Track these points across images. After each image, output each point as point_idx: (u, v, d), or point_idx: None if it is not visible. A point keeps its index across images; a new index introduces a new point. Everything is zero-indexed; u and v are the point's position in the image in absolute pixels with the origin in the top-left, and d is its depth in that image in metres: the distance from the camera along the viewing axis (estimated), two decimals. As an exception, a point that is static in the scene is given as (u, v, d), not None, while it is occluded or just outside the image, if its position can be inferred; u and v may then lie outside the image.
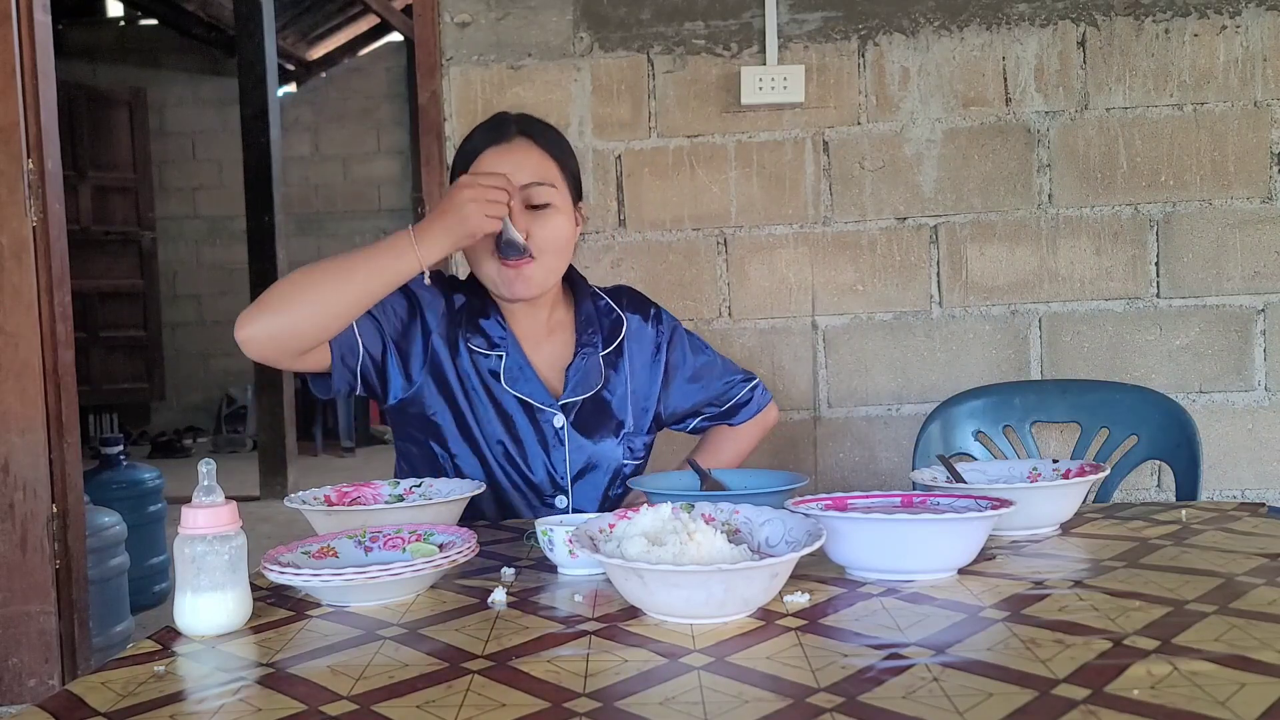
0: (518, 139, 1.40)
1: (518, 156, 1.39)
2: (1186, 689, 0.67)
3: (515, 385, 1.42)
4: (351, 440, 7.53)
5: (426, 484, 1.33)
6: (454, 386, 1.42)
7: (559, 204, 1.40)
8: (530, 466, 1.43)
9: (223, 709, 0.71)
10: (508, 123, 1.42)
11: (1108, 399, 1.84)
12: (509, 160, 1.38)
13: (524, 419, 1.43)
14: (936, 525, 0.97)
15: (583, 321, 1.50)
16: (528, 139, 1.40)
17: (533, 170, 1.38)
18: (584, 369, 1.46)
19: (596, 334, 1.49)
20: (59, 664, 2.45)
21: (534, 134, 1.41)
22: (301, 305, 1.26)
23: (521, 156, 1.39)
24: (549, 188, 1.39)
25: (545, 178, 1.39)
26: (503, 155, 1.38)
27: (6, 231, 2.40)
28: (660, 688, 0.71)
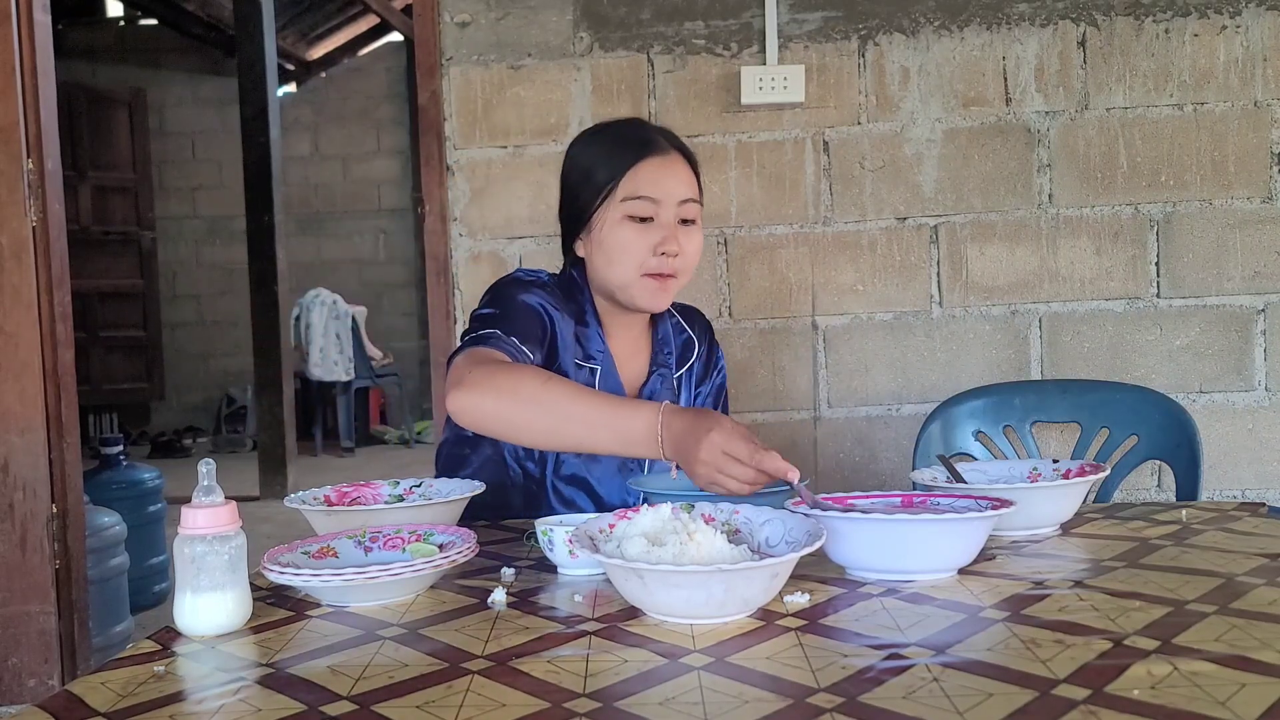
0: (674, 153, 1.39)
1: (677, 172, 1.37)
2: (1187, 689, 0.67)
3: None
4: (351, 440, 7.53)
5: (426, 484, 1.33)
6: None
7: (699, 220, 1.40)
8: (603, 488, 1.40)
9: (222, 709, 0.71)
10: (656, 133, 1.40)
11: (1108, 399, 1.84)
12: (670, 175, 1.36)
13: None
14: (936, 525, 0.97)
15: (659, 341, 1.49)
16: (680, 155, 1.40)
17: (689, 186, 1.38)
18: (658, 391, 1.46)
19: (671, 354, 1.49)
20: (59, 664, 2.44)
21: (683, 149, 1.41)
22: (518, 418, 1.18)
23: (680, 172, 1.38)
24: (699, 205, 1.39)
25: (696, 195, 1.39)
26: (664, 169, 1.36)
27: (6, 231, 2.40)
28: (660, 688, 0.71)
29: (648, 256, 1.34)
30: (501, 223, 2.39)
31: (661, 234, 1.35)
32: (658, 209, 1.35)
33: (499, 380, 1.18)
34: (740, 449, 1.05)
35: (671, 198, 1.35)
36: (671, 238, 1.34)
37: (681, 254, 1.36)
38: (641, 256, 1.35)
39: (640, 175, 1.35)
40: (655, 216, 1.35)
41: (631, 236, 1.35)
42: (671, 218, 1.35)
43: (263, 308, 5.72)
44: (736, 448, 1.05)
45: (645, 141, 1.38)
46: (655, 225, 1.35)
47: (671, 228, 1.35)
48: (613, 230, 1.36)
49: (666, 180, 1.35)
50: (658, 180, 1.35)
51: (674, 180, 1.36)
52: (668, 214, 1.35)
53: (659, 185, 1.35)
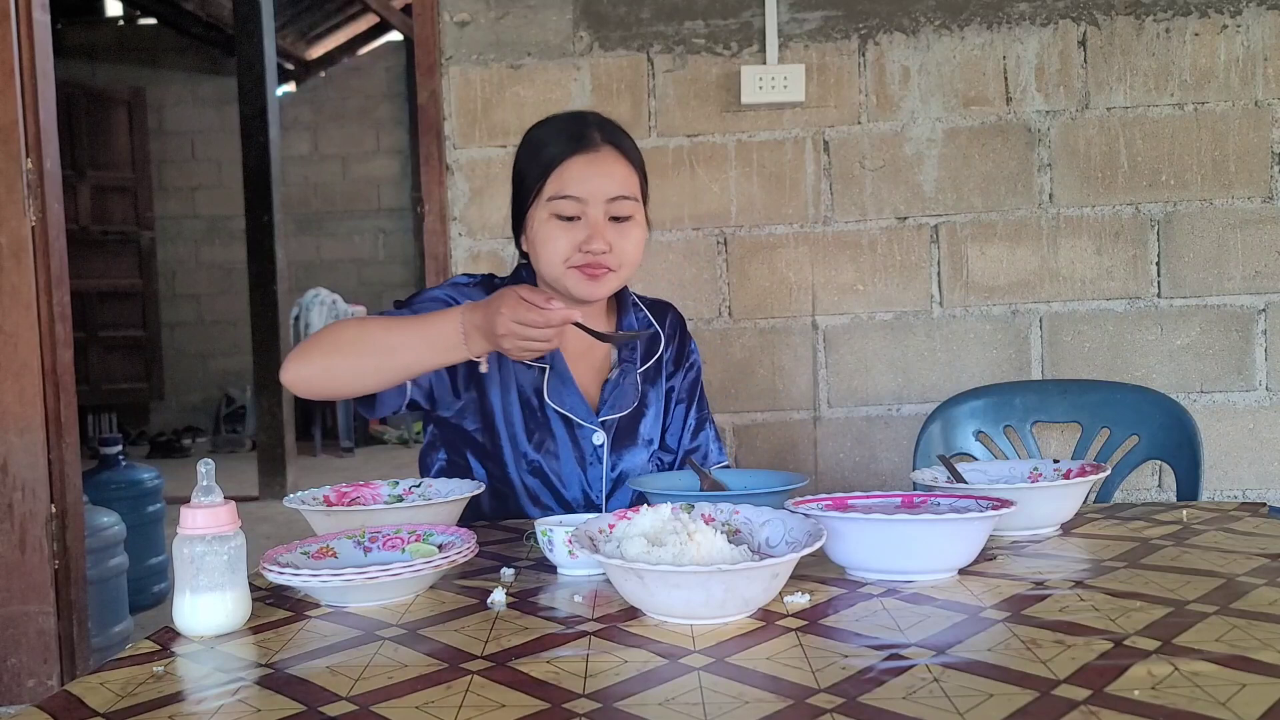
0: (604, 148, 1.35)
1: (604, 168, 1.34)
2: (1187, 689, 0.67)
3: (558, 400, 1.40)
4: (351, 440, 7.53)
5: (426, 484, 1.33)
6: (494, 402, 1.39)
7: (638, 216, 1.38)
8: (564, 483, 1.41)
9: (222, 709, 0.70)
10: (590, 128, 1.37)
11: (1108, 399, 1.84)
12: (596, 171, 1.34)
13: (564, 434, 1.40)
14: (937, 525, 0.96)
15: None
16: (614, 149, 1.36)
17: (620, 183, 1.35)
18: (621, 387, 1.45)
19: (635, 350, 1.48)
20: (58, 664, 2.44)
21: (619, 143, 1.37)
22: (343, 367, 1.26)
23: (609, 168, 1.35)
24: (632, 201, 1.36)
25: (630, 191, 1.36)
26: (590, 166, 1.34)
27: (5, 231, 2.40)
28: (660, 688, 0.71)
29: (573, 254, 1.34)
30: (501, 222, 2.38)
31: (587, 232, 1.33)
32: (584, 208, 1.33)
33: (317, 341, 1.26)
34: (528, 315, 1.15)
35: (598, 196, 1.33)
36: (597, 235, 1.32)
37: (613, 251, 1.34)
38: (566, 254, 1.33)
39: (566, 174, 1.34)
40: (582, 215, 1.33)
41: (556, 234, 1.34)
42: (600, 215, 1.33)
43: (262, 307, 5.72)
44: (525, 314, 1.15)
45: (574, 138, 1.35)
46: (581, 224, 1.33)
47: (599, 225, 1.33)
48: (541, 228, 1.36)
49: (593, 178, 1.33)
50: (583, 179, 1.33)
51: (601, 178, 1.33)
52: (595, 212, 1.33)
53: (584, 184, 1.33)
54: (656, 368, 1.50)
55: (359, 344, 1.25)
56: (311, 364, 1.25)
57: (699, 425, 1.55)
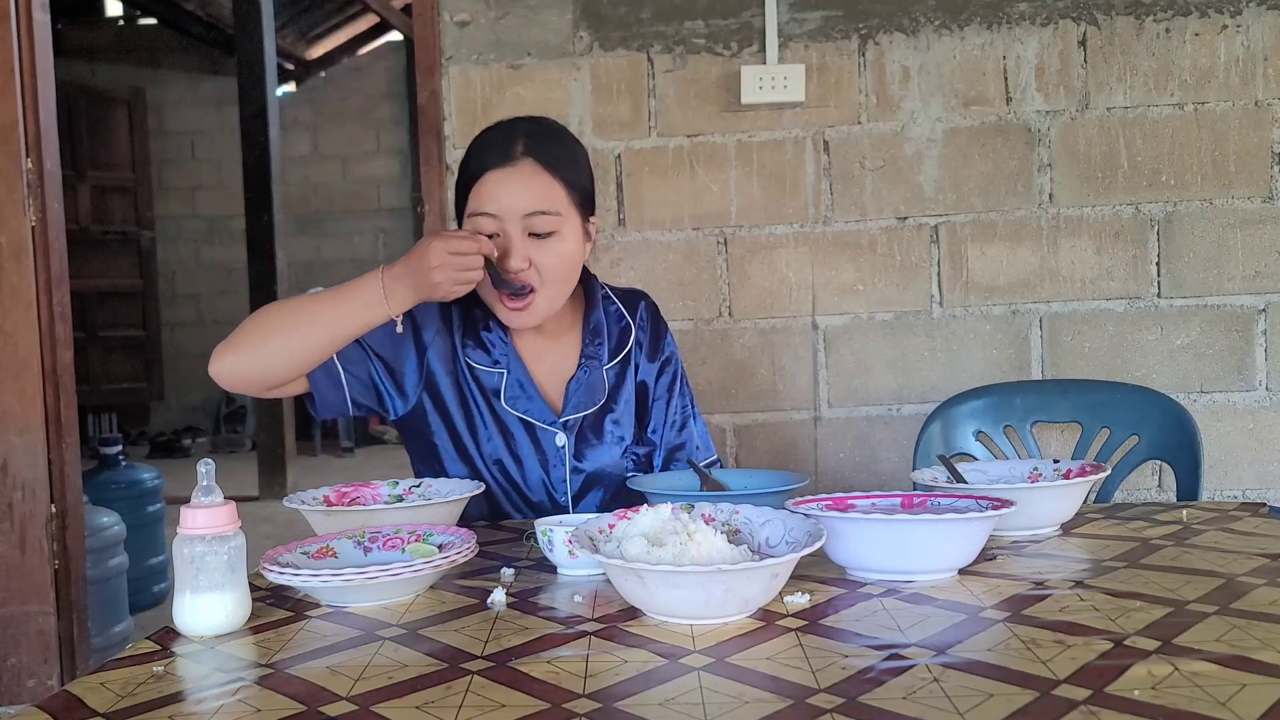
0: (522, 161, 1.31)
1: (520, 182, 1.30)
2: (1187, 689, 0.67)
3: (515, 404, 1.38)
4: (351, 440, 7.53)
5: (426, 484, 1.33)
6: (451, 405, 1.38)
7: (565, 230, 1.33)
8: (529, 485, 1.40)
9: (222, 709, 0.70)
10: (514, 141, 1.33)
11: (1108, 399, 1.84)
12: (509, 187, 1.30)
13: (524, 437, 1.39)
14: (937, 525, 0.97)
15: (590, 330, 1.44)
16: (534, 161, 1.31)
17: (537, 197, 1.31)
18: (586, 383, 1.41)
19: (603, 345, 1.44)
20: (58, 664, 2.44)
21: (541, 154, 1.32)
22: (269, 347, 1.26)
23: (525, 182, 1.31)
24: (553, 216, 1.31)
25: (550, 205, 1.31)
26: (504, 180, 1.30)
27: (5, 231, 2.40)
28: (660, 688, 0.71)
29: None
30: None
31: (503, 249, 1.30)
32: (501, 224, 1.30)
33: (241, 328, 1.27)
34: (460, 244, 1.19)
35: (513, 212, 1.30)
36: (514, 252, 1.29)
37: (533, 267, 1.31)
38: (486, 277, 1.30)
39: (483, 190, 1.31)
40: (500, 232, 1.30)
41: None
42: (517, 231, 1.30)
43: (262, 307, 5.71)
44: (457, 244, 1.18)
45: (494, 151, 1.32)
46: (499, 241, 1.30)
47: (515, 241, 1.30)
48: None
49: (506, 195, 1.30)
50: (496, 195, 1.30)
51: (516, 194, 1.30)
52: (513, 228, 1.30)
53: (497, 200, 1.30)
54: (627, 360, 1.46)
55: (277, 323, 1.26)
56: (239, 350, 1.26)
57: (683, 421, 1.51)
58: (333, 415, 1.37)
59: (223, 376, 1.27)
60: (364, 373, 1.35)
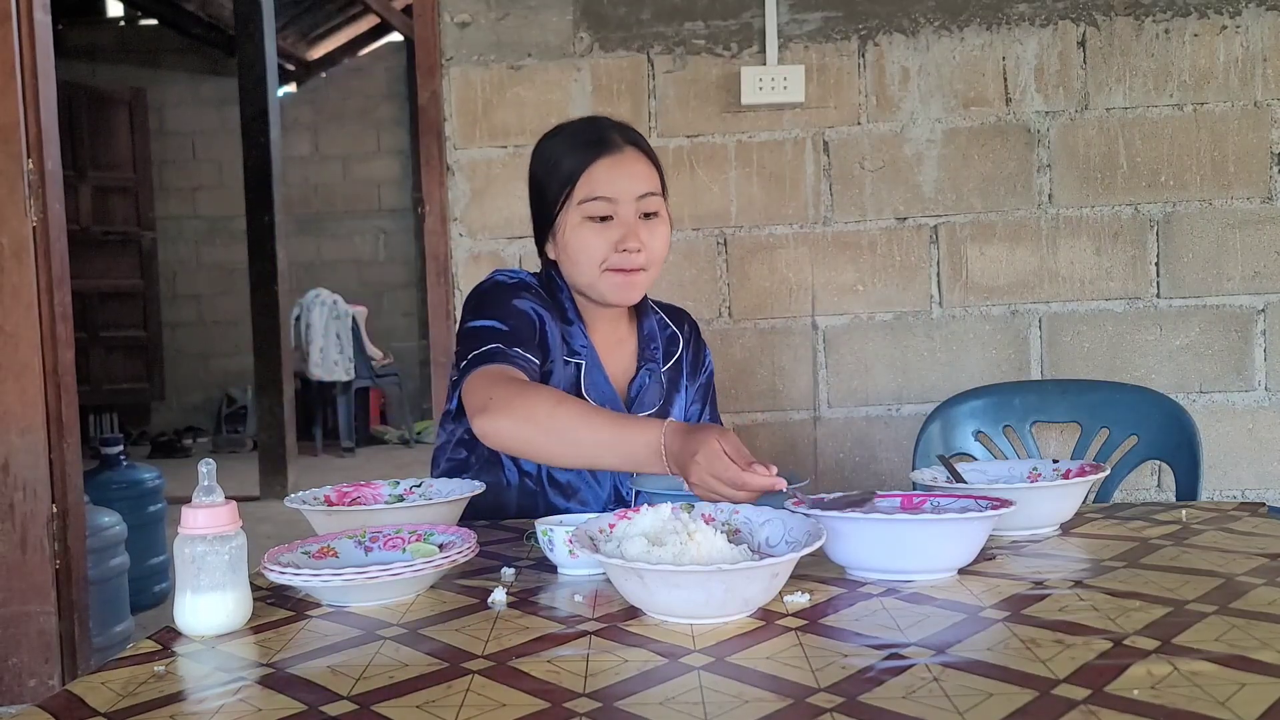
0: (629, 150, 1.39)
1: (631, 168, 1.38)
2: (1186, 689, 0.67)
3: (591, 393, 1.41)
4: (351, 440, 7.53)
5: (426, 484, 1.33)
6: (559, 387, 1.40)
7: (663, 211, 1.41)
8: (598, 478, 1.42)
9: (223, 709, 0.71)
10: (609, 130, 1.40)
11: (1108, 399, 1.84)
12: (624, 172, 1.37)
13: None
14: (936, 525, 0.97)
15: (645, 337, 1.50)
16: (636, 149, 1.40)
17: (646, 181, 1.38)
18: (647, 386, 1.47)
19: (658, 350, 1.50)
20: (59, 664, 2.44)
21: (639, 143, 1.41)
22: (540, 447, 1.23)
23: (635, 168, 1.38)
24: (659, 197, 1.39)
25: (655, 187, 1.39)
26: (618, 167, 1.37)
27: (6, 231, 2.40)
28: (660, 688, 0.71)
29: (609, 254, 1.36)
30: (501, 223, 2.39)
31: (621, 231, 1.36)
32: (615, 207, 1.36)
33: (517, 405, 1.22)
34: (726, 471, 1.05)
35: (628, 194, 1.36)
36: (632, 234, 1.36)
37: (645, 249, 1.37)
38: (603, 255, 1.36)
39: (595, 176, 1.36)
40: (614, 215, 1.36)
41: (591, 237, 1.37)
42: (631, 214, 1.36)
43: (263, 308, 5.72)
44: (722, 470, 1.06)
45: (598, 141, 1.38)
46: (615, 224, 1.36)
47: (631, 224, 1.36)
48: (574, 233, 1.38)
49: (621, 178, 1.36)
50: (613, 179, 1.36)
51: (629, 177, 1.37)
52: (627, 211, 1.36)
53: (614, 184, 1.36)
54: (677, 368, 1.52)
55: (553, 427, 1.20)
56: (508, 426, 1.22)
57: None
58: None
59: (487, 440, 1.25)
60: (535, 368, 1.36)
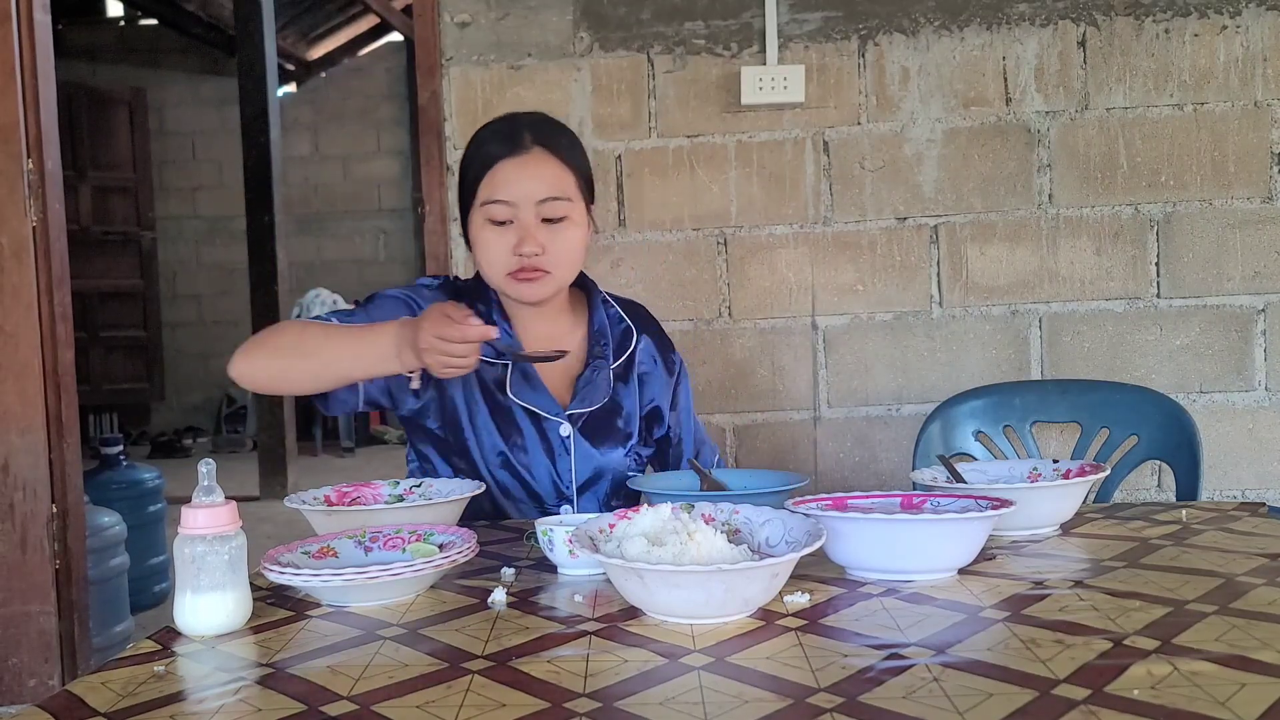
0: (534, 150, 1.36)
1: (534, 169, 1.36)
2: (1187, 689, 0.67)
3: (520, 395, 1.41)
4: (351, 440, 7.53)
5: (426, 484, 1.33)
6: (457, 400, 1.41)
7: (574, 216, 1.38)
8: (534, 474, 1.42)
9: (223, 709, 0.71)
10: (521, 130, 1.38)
11: (1108, 399, 1.84)
12: (526, 174, 1.35)
13: (530, 428, 1.41)
14: (936, 525, 0.97)
15: (595, 332, 1.49)
16: (545, 150, 1.37)
17: (550, 184, 1.36)
18: (593, 381, 1.45)
19: (608, 345, 1.49)
20: (59, 664, 2.44)
21: (551, 144, 1.38)
22: (283, 369, 1.31)
23: (538, 170, 1.36)
24: (565, 202, 1.37)
25: (562, 191, 1.37)
26: (520, 169, 1.35)
27: (6, 231, 2.40)
28: (660, 688, 0.71)
29: (508, 257, 1.36)
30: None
31: (519, 235, 1.35)
32: (515, 211, 1.35)
33: (262, 341, 1.30)
34: (446, 330, 1.17)
35: (528, 198, 1.35)
36: (529, 238, 1.34)
37: (546, 252, 1.36)
38: (503, 258, 1.36)
39: (496, 179, 1.36)
40: (513, 219, 1.35)
41: (491, 239, 1.37)
42: (531, 218, 1.35)
43: (263, 308, 5.72)
44: (444, 330, 1.17)
45: (503, 142, 1.37)
46: (514, 227, 1.36)
47: (530, 228, 1.35)
48: (478, 234, 1.38)
49: (522, 182, 1.35)
50: (512, 182, 1.35)
51: (531, 181, 1.35)
52: (526, 215, 1.35)
53: (513, 187, 1.35)
54: (629, 364, 1.51)
55: (299, 349, 1.30)
56: (255, 362, 1.31)
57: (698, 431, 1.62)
58: (343, 413, 1.41)
59: (238, 378, 1.32)
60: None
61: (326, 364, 1.28)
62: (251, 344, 1.31)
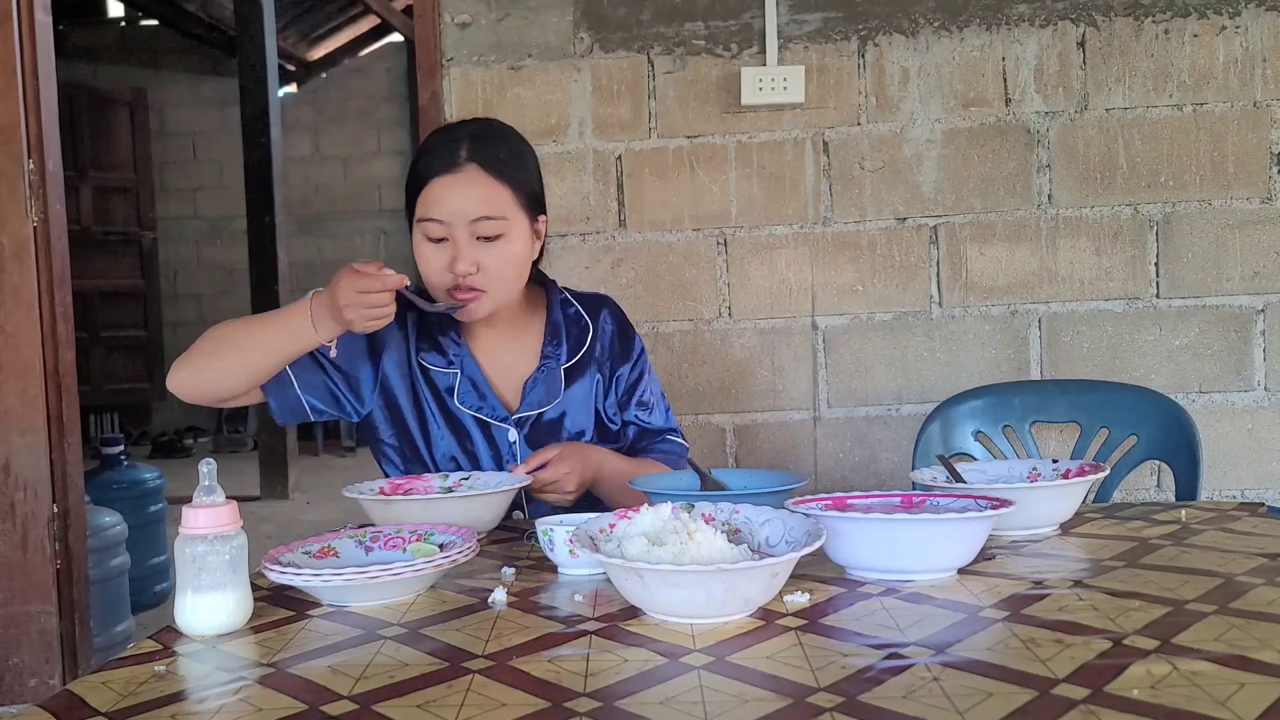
0: (467, 167, 1.34)
1: (465, 189, 1.34)
2: (1186, 689, 0.67)
3: (467, 402, 1.42)
4: (352, 440, 7.53)
5: (474, 477, 1.34)
6: (405, 407, 1.42)
7: (511, 232, 1.36)
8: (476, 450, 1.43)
9: (223, 709, 0.71)
10: (458, 146, 1.36)
11: (1107, 399, 1.84)
12: (456, 194, 1.34)
13: (479, 434, 1.43)
14: (936, 525, 0.97)
15: (549, 332, 1.48)
16: (478, 167, 1.34)
17: (481, 202, 1.34)
18: (544, 382, 1.45)
19: (561, 345, 1.48)
20: (60, 664, 2.45)
21: (485, 159, 1.35)
22: (213, 369, 1.32)
23: (470, 188, 1.34)
24: (499, 220, 1.35)
25: (495, 210, 1.34)
26: (450, 187, 1.34)
27: (7, 231, 2.40)
28: (660, 688, 0.71)
29: (444, 274, 1.36)
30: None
31: (453, 253, 1.34)
32: (449, 229, 1.34)
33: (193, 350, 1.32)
34: (364, 282, 1.21)
35: (460, 217, 1.33)
36: (461, 257, 1.33)
37: (481, 271, 1.35)
38: (439, 276, 1.36)
39: (430, 197, 1.35)
40: (448, 236, 1.35)
41: (428, 255, 1.37)
42: (464, 236, 1.34)
43: (263, 308, 5.70)
44: (362, 283, 1.21)
45: (438, 158, 1.36)
46: (448, 245, 1.35)
47: (462, 246, 1.34)
48: (417, 249, 1.38)
49: (453, 200, 1.34)
50: (444, 201, 1.34)
51: (462, 199, 1.33)
52: (460, 233, 1.34)
53: (445, 206, 1.34)
54: (585, 360, 1.49)
55: (223, 343, 1.31)
56: (186, 369, 1.32)
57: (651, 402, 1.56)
58: (295, 421, 1.42)
59: (178, 392, 1.33)
60: (319, 382, 1.40)
61: (249, 350, 1.30)
62: (183, 356, 1.33)
